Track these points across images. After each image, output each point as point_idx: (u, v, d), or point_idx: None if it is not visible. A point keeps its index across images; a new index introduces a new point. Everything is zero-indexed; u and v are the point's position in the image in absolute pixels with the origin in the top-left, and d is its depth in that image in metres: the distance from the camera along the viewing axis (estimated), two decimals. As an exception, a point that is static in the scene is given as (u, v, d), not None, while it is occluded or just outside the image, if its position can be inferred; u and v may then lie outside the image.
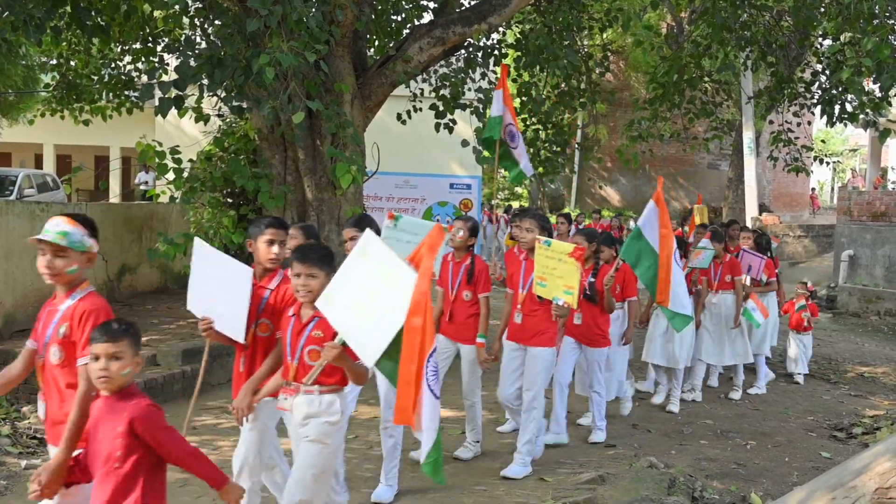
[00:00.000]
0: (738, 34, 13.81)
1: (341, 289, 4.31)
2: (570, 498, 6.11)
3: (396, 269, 4.11)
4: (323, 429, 4.63)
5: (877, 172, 32.35)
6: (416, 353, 3.99)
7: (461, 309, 7.03)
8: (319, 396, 4.62)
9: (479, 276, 6.98)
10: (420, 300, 3.97)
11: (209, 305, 5.06)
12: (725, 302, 9.90)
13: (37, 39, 9.87)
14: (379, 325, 4.11)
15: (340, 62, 11.06)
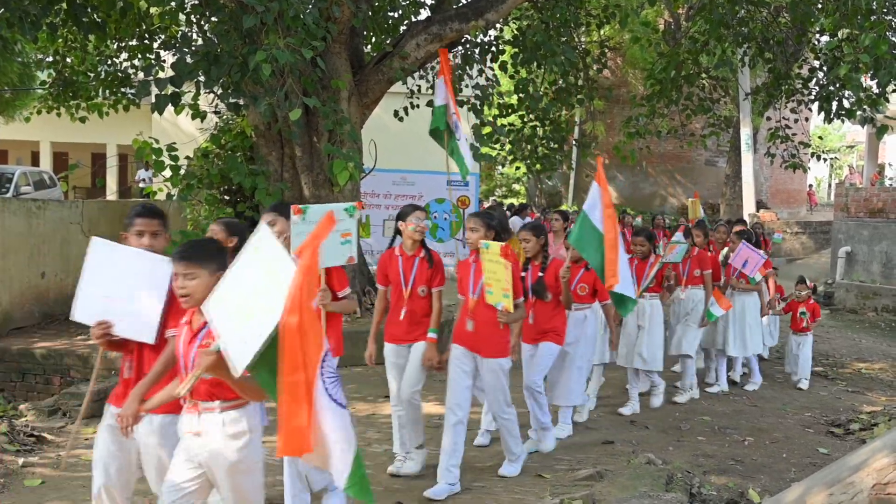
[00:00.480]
0: (736, 30, 13.82)
1: (227, 289, 3.75)
2: (568, 494, 6.10)
3: (281, 263, 3.59)
4: (231, 453, 4.02)
5: (874, 169, 32.35)
6: (299, 360, 3.36)
7: (417, 306, 6.52)
8: (221, 414, 4.02)
9: (436, 269, 6.54)
10: (297, 296, 3.35)
11: (105, 308, 4.52)
12: (693, 298, 9.65)
13: (33, 36, 9.86)
14: (252, 328, 3.56)
15: (337, 59, 11.06)
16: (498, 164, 33.78)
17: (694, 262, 9.64)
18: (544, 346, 7.30)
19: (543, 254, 7.39)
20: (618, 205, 30.95)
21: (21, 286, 10.68)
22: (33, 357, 9.60)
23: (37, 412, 8.08)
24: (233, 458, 4.00)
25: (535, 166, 16.44)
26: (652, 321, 8.90)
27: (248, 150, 11.74)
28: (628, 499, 5.74)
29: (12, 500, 5.94)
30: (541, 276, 7.24)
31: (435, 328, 6.47)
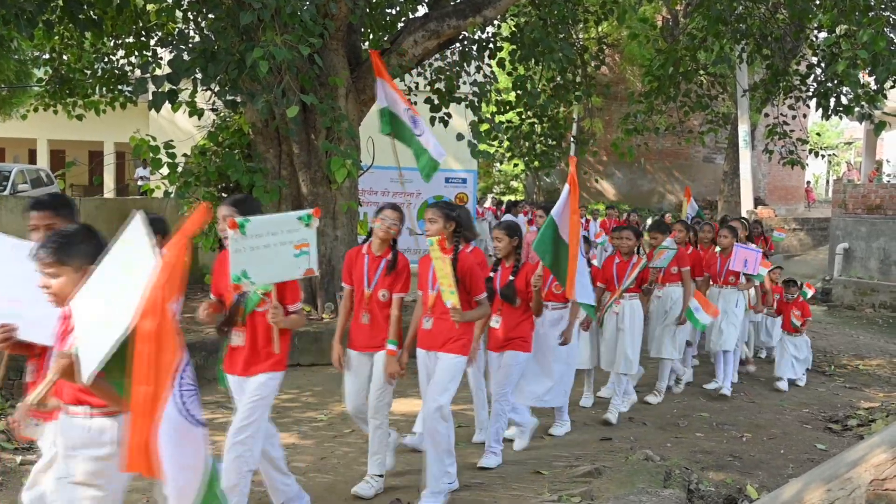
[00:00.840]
0: (734, 27, 13.82)
1: (91, 285, 3.43)
2: (567, 491, 6.11)
3: (145, 260, 3.21)
4: (90, 466, 3.60)
5: (872, 165, 32.39)
6: (149, 370, 3.05)
7: (379, 311, 6.07)
8: (88, 420, 3.61)
9: (399, 273, 6.05)
10: (154, 298, 3.02)
11: (6, 309, 4.22)
12: (671, 295, 9.42)
13: (29, 33, 9.84)
14: (105, 330, 3.21)
15: (335, 56, 11.05)
16: (496, 162, 33.77)
17: (673, 258, 9.31)
18: (509, 355, 6.87)
19: (516, 255, 6.88)
20: (616, 202, 31.03)
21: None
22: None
23: (34, 410, 8.05)
24: (84, 468, 3.61)
25: (533, 163, 16.44)
26: (632, 323, 8.53)
27: (245, 148, 11.73)
28: (626, 495, 5.74)
29: (10, 498, 5.93)
30: (511, 279, 6.77)
31: (394, 339, 5.97)
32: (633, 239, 8.62)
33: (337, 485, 6.24)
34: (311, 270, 5.04)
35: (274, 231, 4.91)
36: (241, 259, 4.77)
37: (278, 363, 5.20)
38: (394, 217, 5.99)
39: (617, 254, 8.72)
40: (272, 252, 4.86)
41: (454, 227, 6.08)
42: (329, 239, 11.38)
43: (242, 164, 10.86)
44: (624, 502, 5.60)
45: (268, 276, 4.92)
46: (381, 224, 5.99)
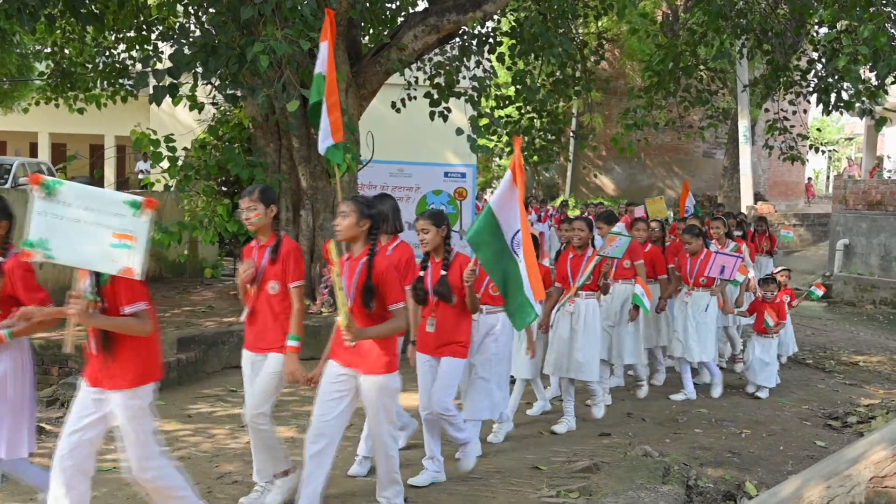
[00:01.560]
0: (734, 22, 13.80)
1: None
2: (565, 486, 6.11)
3: None
4: None
5: (872, 161, 32.35)
6: None
7: (266, 305, 5.50)
8: None
9: (285, 258, 5.42)
10: None
11: None
12: (624, 293, 8.93)
13: (30, 27, 9.84)
14: None
15: (335, 50, 11.03)
16: (495, 156, 33.76)
17: (625, 252, 8.49)
18: (447, 361, 6.13)
19: (446, 248, 6.13)
20: (615, 197, 31.00)
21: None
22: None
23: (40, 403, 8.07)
24: None
25: (533, 158, 16.46)
26: (587, 324, 7.84)
27: (245, 142, 11.74)
28: (625, 491, 5.75)
29: (11, 489, 5.94)
30: (443, 274, 6.04)
31: (296, 334, 5.41)
32: (585, 230, 7.94)
33: (335, 477, 6.24)
34: (130, 270, 4.26)
35: (90, 206, 4.25)
36: (43, 224, 4.23)
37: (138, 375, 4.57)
38: (246, 204, 5.39)
39: (571, 248, 8.09)
40: (82, 230, 4.23)
41: (368, 225, 5.25)
42: (329, 234, 11.38)
43: (242, 158, 10.86)
44: (622, 498, 5.61)
45: (71, 257, 4.32)
46: (242, 210, 5.50)
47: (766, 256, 14.26)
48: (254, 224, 5.44)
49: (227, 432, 7.42)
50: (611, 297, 8.90)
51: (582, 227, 7.96)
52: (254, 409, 5.49)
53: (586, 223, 8.05)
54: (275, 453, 5.66)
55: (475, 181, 14.96)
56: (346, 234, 5.22)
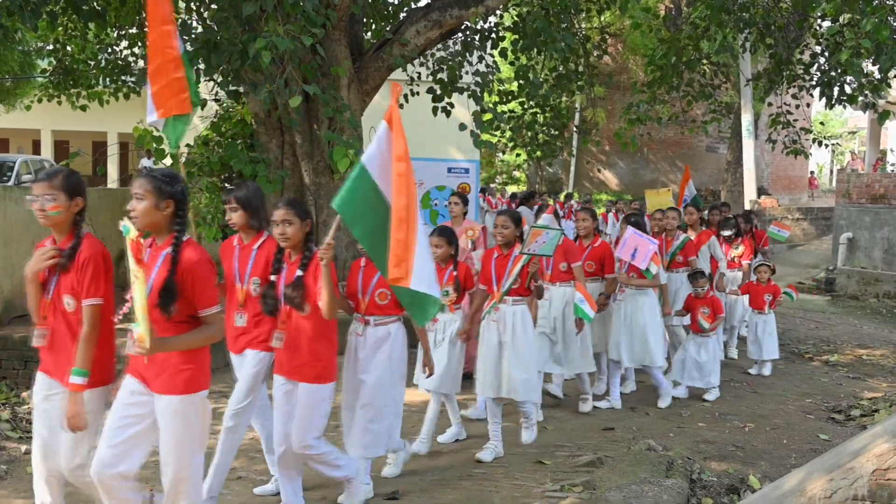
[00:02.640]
0: (737, 16, 13.77)
1: None
2: (569, 480, 6.12)
3: None
4: None
5: (876, 155, 32.33)
6: None
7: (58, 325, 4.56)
8: None
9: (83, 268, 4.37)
10: None
11: None
12: (562, 297, 7.96)
13: (33, 25, 9.85)
14: None
15: (337, 46, 11.04)
16: (498, 151, 33.76)
17: (559, 252, 7.60)
18: (304, 390, 5.10)
19: (306, 245, 5.15)
20: (618, 192, 30.96)
21: (23, 274, 10.67)
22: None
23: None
24: None
25: (536, 153, 16.42)
26: (516, 336, 6.80)
27: (248, 138, 11.74)
28: (628, 485, 5.76)
29: (15, 486, 5.97)
30: (299, 275, 4.99)
31: (81, 368, 4.27)
32: (510, 227, 6.88)
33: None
34: None
35: None
36: None
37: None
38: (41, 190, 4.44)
39: (496, 246, 7.03)
40: None
41: (171, 208, 4.25)
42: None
43: (245, 155, 10.86)
44: (626, 492, 5.62)
45: None
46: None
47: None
48: (49, 218, 4.41)
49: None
50: (548, 303, 7.90)
51: (505, 223, 6.91)
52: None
53: (511, 218, 6.99)
54: None
55: (479, 177, 14.95)
56: (143, 221, 4.16)
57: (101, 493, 4.20)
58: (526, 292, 6.89)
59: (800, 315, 15.72)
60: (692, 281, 9.28)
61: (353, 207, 4.78)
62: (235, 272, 5.53)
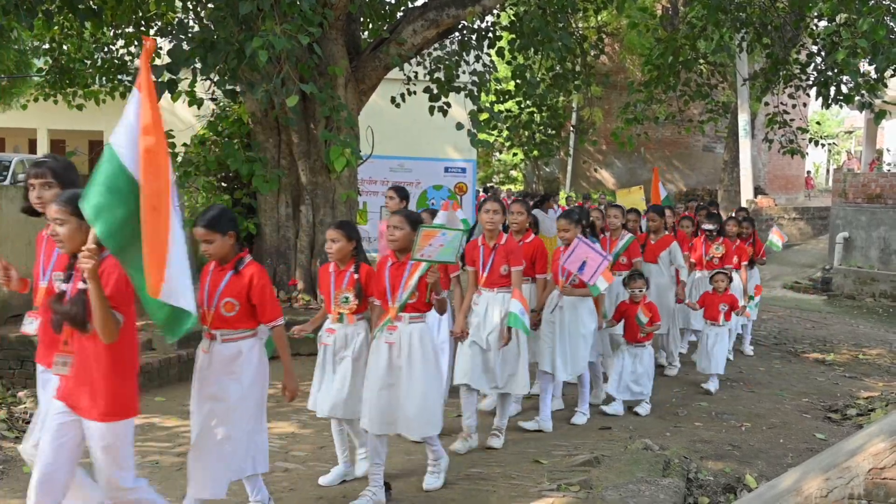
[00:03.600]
0: (734, 16, 13.77)
1: None
2: (565, 479, 6.12)
3: None
4: None
5: (872, 154, 32.36)
6: None
7: None
8: None
9: None
10: None
11: None
12: (503, 303, 6.92)
13: (28, 24, 9.83)
14: None
15: (334, 45, 11.04)
16: (495, 151, 33.76)
17: (500, 254, 6.89)
18: (97, 429, 4.16)
19: None
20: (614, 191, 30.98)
21: (19, 273, 10.66)
22: (32, 344, 9.49)
23: (35, 399, 8.07)
24: None
25: (533, 152, 16.44)
26: (413, 360, 5.73)
27: (244, 137, 11.74)
28: (625, 484, 5.76)
29: (11, 486, 5.96)
30: (81, 290, 4.04)
31: None
32: (405, 228, 5.82)
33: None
34: None
35: None
36: None
37: None
38: None
39: (390, 252, 5.97)
40: None
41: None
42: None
43: (242, 154, 10.86)
44: (623, 491, 5.62)
45: None
46: None
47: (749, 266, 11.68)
48: None
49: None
50: (483, 311, 6.98)
51: (400, 223, 5.85)
52: None
53: (406, 219, 5.90)
54: None
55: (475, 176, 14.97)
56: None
57: None
58: (425, 307, 5.83)
59: (796, 315, 15.74)
60: (628, 283, 8.33)
61: (99, 198, 3.80)
62: (40, 267, 5.01)
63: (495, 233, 7.01)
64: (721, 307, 9.39)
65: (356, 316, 5.96)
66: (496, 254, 6.96)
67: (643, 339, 8.31)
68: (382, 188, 14.29)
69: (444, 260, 5.63)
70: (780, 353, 11.76)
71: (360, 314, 5.97)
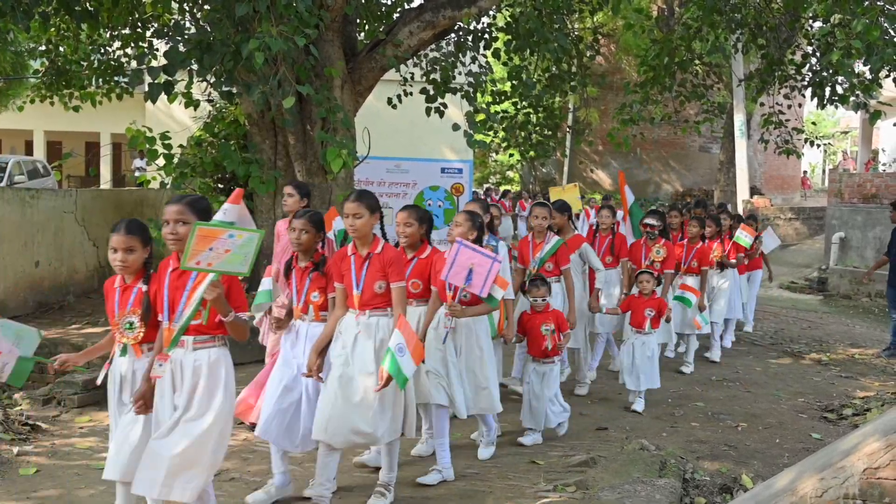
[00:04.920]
0: (729, 16, 13.81)
1: None
2: (562, 480, 6.13)
3: None
4: None
5: (868, 154, 32.43)
6: None
7: None
8: None
9: None
10: None
11: None
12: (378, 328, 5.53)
13: (25, 25, 9.83)
14: None
15: (330, 47, 11.04)
16: (492, 151, 33.76)
17: (375, 266, 5.46)
18: None
19: None
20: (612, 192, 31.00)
21: (15, 275, 10.68)
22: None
23: (31, 401, 8.08)
24: None
25: (529, 153, 16.46)
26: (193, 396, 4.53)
27: (241, 139, 11.74)
28: (622, 484, 5.78)
29: (7, 488, 5.95)
30: None
31: None
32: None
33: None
34: None
35: None
36: None
37: None
38: None
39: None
40: None
41: None
42: None
43: (238, 155, 10.87)
44: (619, 491, 5.63)
45: None
46: None
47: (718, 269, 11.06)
48: None
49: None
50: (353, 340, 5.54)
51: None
52: None
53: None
54: None
55: (472, 177, 14.96)
56: None
57: None
58: (216, 329, 4.60)
59: (792, 315, 15.75)
60: (529, 290, 7.25)
61: None
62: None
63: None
64: (647, 312, 8.30)
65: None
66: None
67: (550, 353, 7.13)
68: (379, 189, 14.30)
69: (229, 270, 4.35)
70: (777, 353, 11.77)
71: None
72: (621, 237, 9.76)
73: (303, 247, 5.65)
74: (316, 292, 5.72)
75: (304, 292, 5.73)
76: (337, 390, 5.34)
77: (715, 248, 10.74)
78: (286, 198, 7.76)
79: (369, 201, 5.42)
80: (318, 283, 5.72)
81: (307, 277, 5.73)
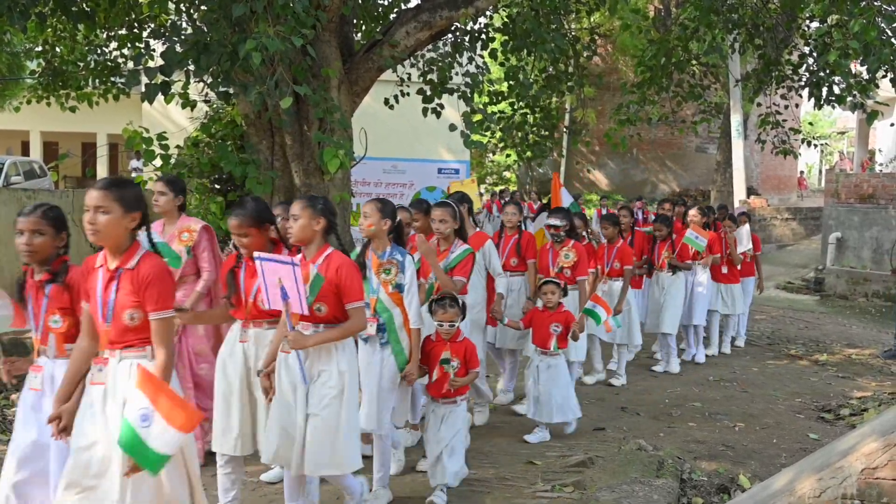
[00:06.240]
0: (726, 17, 13.80)
1: None
2: (559, 481, 6.13)
3: None
4: None
5: (864, 155, 32.44)
6: None
7: None
8: None
9: None
10: None
11: None
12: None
13: (21, 26, 9.81)
14: None
15: (327, 47, 11.03)
16: (488, 152, 33.75)
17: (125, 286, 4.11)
18: None
19: None
20: (609, 192, 31.04)
21: (12, 276, 10.64)
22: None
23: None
24: None
25: (526, 154, 16.43)
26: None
27: (238, 139, 11.72)
28: (619, 484, 5.78)
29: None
30: None
31: None
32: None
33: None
34: None
35: None
36: None
37: None
38: None
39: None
40: None
41: None
42: None
43: (235, 156, 10.85)
44: (617, 492, 5.63)
45: None
46: None
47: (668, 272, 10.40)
48: None
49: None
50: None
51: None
52: None
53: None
54: None
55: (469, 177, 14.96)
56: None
57: None
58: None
59: (789, 315, 15.77)
60: (435, 309, 5.88)
61: None
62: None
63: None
64: (553, 328, 7.26)
65: None
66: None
67: (452, 394, 5.83)
68: (376, 189, 14.31)
69: None
70: (774, 354, 11.78)
71: None
72: (529, 236, 8.63)
73: (36, 255, 4.49)
74: (56, 315, 4.40)
75: (42, 316, 4.44)
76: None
77: (665, 250, 10.26)
78: (157, 196, 6.71)
79: (122, 192, 3.95)
80: (59, 302, 4.39)
81: (43, 295, 4.45)
